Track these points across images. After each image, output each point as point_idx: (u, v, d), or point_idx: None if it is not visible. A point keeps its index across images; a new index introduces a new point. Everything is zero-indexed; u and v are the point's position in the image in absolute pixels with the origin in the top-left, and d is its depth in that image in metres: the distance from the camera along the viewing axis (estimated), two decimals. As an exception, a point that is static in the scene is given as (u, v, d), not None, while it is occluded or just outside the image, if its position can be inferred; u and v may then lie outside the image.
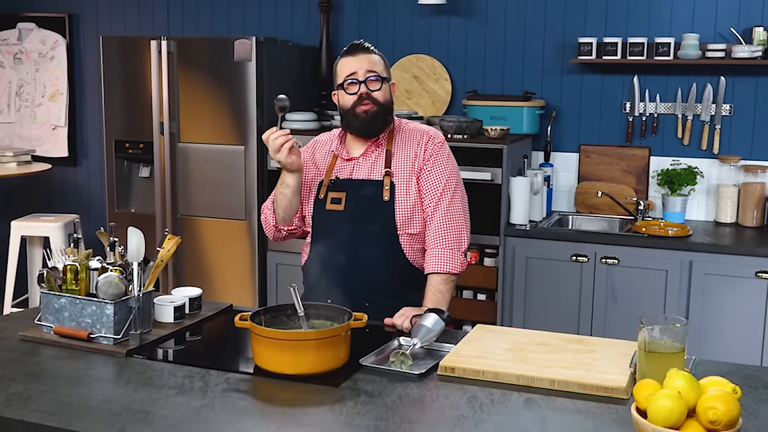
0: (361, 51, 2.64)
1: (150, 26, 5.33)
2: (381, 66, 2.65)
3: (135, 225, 4.68)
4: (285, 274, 4.51)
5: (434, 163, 2.65)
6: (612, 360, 2.15)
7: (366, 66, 2.61)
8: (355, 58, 2.62)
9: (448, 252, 2.60)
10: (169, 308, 2.49)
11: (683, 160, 4.33)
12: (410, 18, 4.78)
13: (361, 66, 2.61)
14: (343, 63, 2.65)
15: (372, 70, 2.62)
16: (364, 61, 2.62)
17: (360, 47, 2.65)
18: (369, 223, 2.61)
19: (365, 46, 2.66)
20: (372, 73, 2.61)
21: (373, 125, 2.65)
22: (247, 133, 4.43)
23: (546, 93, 4.56)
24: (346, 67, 2.63)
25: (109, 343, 2.27)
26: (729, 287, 3.79)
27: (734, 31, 4.13)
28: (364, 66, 2.61)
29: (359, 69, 2.61)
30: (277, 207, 2.69)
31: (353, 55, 2.63)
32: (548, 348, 2.25)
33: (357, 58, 2.62)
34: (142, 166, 4.80)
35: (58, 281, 2.35)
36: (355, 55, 2.63)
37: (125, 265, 2.34)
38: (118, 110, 4.70)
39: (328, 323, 2.31)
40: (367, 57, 2.63)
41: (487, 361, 2.14)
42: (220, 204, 4.54)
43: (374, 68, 2.62)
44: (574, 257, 4.00)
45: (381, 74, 2.63)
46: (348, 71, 2.63)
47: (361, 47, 2.65)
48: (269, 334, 2.12)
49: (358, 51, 2.64)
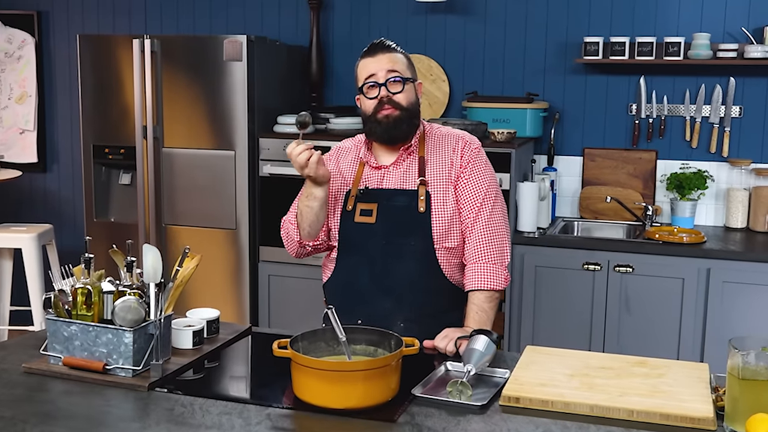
0: (381, 50, 2.42)
1: (126, 24, 5.04)
2: (403, 65, 2.44)
3: (115, 234, 4.45)
4: (278, 286, 4.27)
5: (472, 171, 2.46)
6: (687, 385, 1.98)
7: (386, 66, 2.40)
8: (375, 59, 2.41)
9: (491, 267, 2.40)
10: (188, 333, 2.25)
11: (691, 164, 4.20)
12: (405, 16, 4.58)
13: (381, 67, 2.40)
14: (362, 65, 2.44)
15: (393, 70, 2.40)
16: (384, 61, 2.41)
17: (380, 46, 2.43)
18: (403, 236, 2.40)
19: (386, 44, 2.45)
20: (393, 74, 2.40)
21: (396, 131, 2.43)
22: (236, 137, 4.18)
23: (548, 94, 4.39)
24: (365, 69, 2.43)
25: (128, 375, 2.02)
26: (748, 295, 3.66)
27: (745, 30, 4.00)
28: (384, 66, 2.40)
29: (379, 70, 2.40)
30: (301, 221, 2.46)
31: (372, 55, 2.42)
32: (613, 372, 2.06)
33: (376, 58, 2.41)
34: (123, 173, 4.51)
35: (66, 306, 2.09)
36: (374, 56, 2.42)
37: (143, 288, 2.09)
38: (97, 113, 4.41)
39: (371, 349, 2.10)
40: (388, 56, 2.42)
41: (553, 389, 1.95)
42: (207, 212, 4.29)
43: (395, 68, 2.41)
44: (585, 266, 3.84)
45: (403, 75, 2.42)
46: (367, 73, 2.42)
47: (381, 46, 2.44)
48: (314, 364, 1.90)
49: (377, 51, 2.42)
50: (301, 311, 4.23)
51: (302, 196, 2.43)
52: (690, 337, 3.74)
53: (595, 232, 4.29)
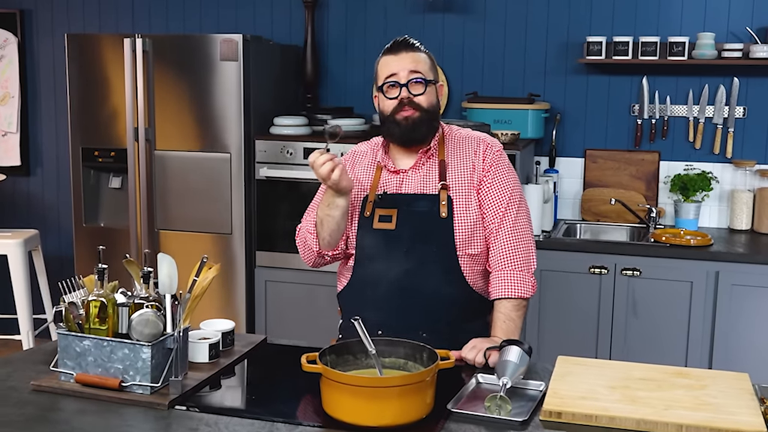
0: (404, 49, 2.33)
1: (114, 23, 4.90)
2: (426, 66, 2.34)
3: (105, 240, 4.32)
4: (275, 292, 4.16)
5: (495, 174, 2.37)
6: (733, 397, 1.91)
7: (409, 66, 2.30)
8: (397, 57, 2.31)
9: (518, 274, 2.31)
10: (204, 346, 2.14)
11: (695, 165, 4.14)
12: (402, 15, 4.48)
13: (403, 66, 2.30)
14: (383, 63, 2.35)
15: (416, 70, 2.31)
16: (406, 60, 2.31)
17: (403, 44, 2.34)
18: (425, 243, 2.30)
19: (410, 42, 2.35)
20: (416, 75, 2.31)
21: (415, 133, 2.34)
22: (232, 139, 4.06)
23: (549, 95, 4.31)
24: (387, 68, 2.33)
25: (146, 392, 1.91)
26: (757, 298, 3.61)
27: (750, 30, 3.95)
28: (406, 66, 2.30)
29: (401, 70, 2.30)
30: (321, 230, 2.35)
31: (395, 53, 2.32)
32: (654, 384, 1.98)
33: (399, 57, 2.31)
34: (113, 176, 4.37)
35: (77, 319, 1.98)
36: (397, 54, 2.32)
37: (160, 300, 1.98)
38: (86, 115, 4.27)
39: (401, 361, 2.00)
40: (411, 56, 2.32)
41: (596, 402, 1.87)
42: (201, 217, 4.16)
43: (418, 68, 2.31)
44: (592, 269, 3.77)
45: (425, 76, 2.32)
46: (388, 72, 2.32)
47: (405, 44, 2.34)
48: (348, 380, 1.80)
49: (401, 49, 2.33)
50: (299, 318, 4.13)
51: (322, 204, 2.32)
52: (698, 341, 3.69)
53: (598, 235, 4.22)
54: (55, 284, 4.74)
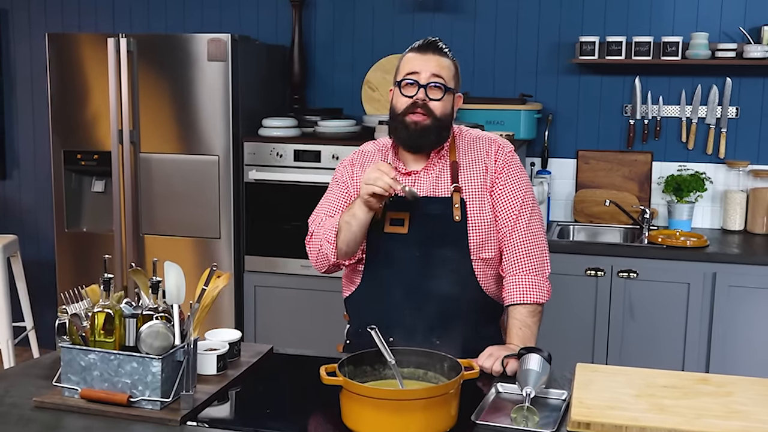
0: (432, 50, 2.25)
1: (93, 23, 4.77)
2: (450, 73, 2.27)
3: (88, 246, 4.20)
4: (265, 297, 4.07)
5: (508, 176, 2.31)
6: (761, 404, 1.86)
7: (433, 69, 2.23)
8: (423, 57, 2.24)
9: (533, 279, 2.25)
10: (212, 358, 2.06)
11: (688, 165, 4.12)
12: (391, 15, 4.41)
13: (427, 67, 2.23)
14: (407, 59, 2.27)
15: (438, 75, 2.24)
16: (432, 62, 2.24)
17: (432, 46, 2.26)
18: (439, 247, 2.24)
19: (439, 46, 2.27)
20: (437, 79, 2.23)
21: (422, 140, 2.27)
22: (219, 141, 3.96)
23: (540, 95, 4.27)
24: (410, 64, 2.25)
25: (155, 407, 1.82)
26: (755, 299, 3.59)
27: (743, 30, 3.94)
28: (430, 68, 2.23)
29: (424, 70, 2.23)
30: (339, 239, 2.25)
31: (422, 53, 2.25)
32: (679, 392, 1.93)
33: (425, 57, 2.24)
34: (96, 180, 4.25)
35: (81, 332, 1.88)
36: (423, 54, 2.25)
37: (170, 311, 1.89)
38: (67, 117, 4.14)
39: (420, 372, 1.94)
40: (437, 59, 2.25)
41: (624, 412, 1.81)
42: (188, 221, 4.06)
43: (441, 74, 2.24)
44: (588, 271, 3.73)
45: (447, 83, 2.25)
46: (410, 69, 2.24)
47: (434, 46, 2.26)
48: (370, 392, 1.73)
49: (428, 50, 2.25)
50: (289, 323, 4.04)
51: (346, 212, 2.24)
52: (696, 343, 3.66)
53: (592, 237, 4.19)
54: (34, 291, 4.64)
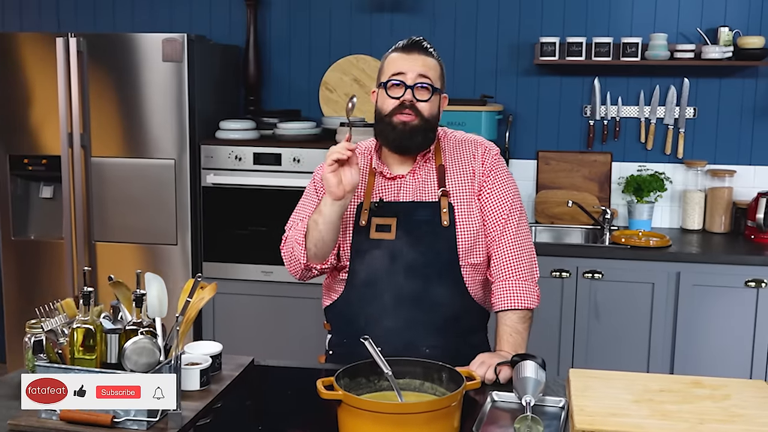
0: (417, 50, 2.19)
1: (36, 22, 4.58)
2: (436, 73, 2.21)
3: (37, 254, 4.03)
4: (224, 305, 3.96)
5: (495, 180, 2.26)
6: (760, 407, 1.85)
7: (419, 69, 2.17)
8: (409, 57, 2.18)
9: (522, 284, 2.21)
10: (194, 372, 1.96)
11: (647, 165, 4.15)
12: (348, 15, 4.34)
13: (413, 68, 2.17)
14: (392, 59, 2.20)
15: (425, 75, 2.18)
16: (418, 62, 2.18)
17: (417, 46, 2.20)
18: (427, 253, 2.17)
19: (424, 45, 2.21)
20: (424, 80, 2.17)
21: (410, 141, 2.20)
22: (176, 144, 3.84)
23: (500, 96, 4.25)
24: (395, 65, 2.18)
25: (142, 428, 1.72)
26: (718, 298, 3.63)
27: (700, 30, 3.98)
28: (416, 69, 2.17)
29: (410, 71, 2.17)
30: (307, 238, 2.19)
31: (407, 52, 2.19)
32: (676, 396, 1.91)
33: (411, 57, 2.18)
34: (43, 185, 4.08)
35: (57, 349, 1.77)
36: (409, 54, 2.18)
37: (153, 326, 1.79)
38: (13, 120, 3.97)
39: (417, 382, 1.88)
40: (423, 59, 2.19)
41: (628, 419, 1.78)
42: (144, 227, 3.92)
43: (428, 74, 2.18)
44: (554, 273, 3.71)
45: (434, 83, 2.20)
46: (395, 70, 2.18)
47: (419, 46, 2.20)
48: (371, 406, 1.66)
49: (413, 50, 2.19)
50: (249, 331, 3.94)
51: (315, 209, 2.17)
52: (660, 342, 3.68)
53: (554, 238, 4.18)
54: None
